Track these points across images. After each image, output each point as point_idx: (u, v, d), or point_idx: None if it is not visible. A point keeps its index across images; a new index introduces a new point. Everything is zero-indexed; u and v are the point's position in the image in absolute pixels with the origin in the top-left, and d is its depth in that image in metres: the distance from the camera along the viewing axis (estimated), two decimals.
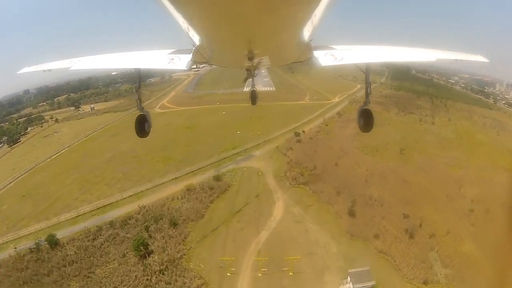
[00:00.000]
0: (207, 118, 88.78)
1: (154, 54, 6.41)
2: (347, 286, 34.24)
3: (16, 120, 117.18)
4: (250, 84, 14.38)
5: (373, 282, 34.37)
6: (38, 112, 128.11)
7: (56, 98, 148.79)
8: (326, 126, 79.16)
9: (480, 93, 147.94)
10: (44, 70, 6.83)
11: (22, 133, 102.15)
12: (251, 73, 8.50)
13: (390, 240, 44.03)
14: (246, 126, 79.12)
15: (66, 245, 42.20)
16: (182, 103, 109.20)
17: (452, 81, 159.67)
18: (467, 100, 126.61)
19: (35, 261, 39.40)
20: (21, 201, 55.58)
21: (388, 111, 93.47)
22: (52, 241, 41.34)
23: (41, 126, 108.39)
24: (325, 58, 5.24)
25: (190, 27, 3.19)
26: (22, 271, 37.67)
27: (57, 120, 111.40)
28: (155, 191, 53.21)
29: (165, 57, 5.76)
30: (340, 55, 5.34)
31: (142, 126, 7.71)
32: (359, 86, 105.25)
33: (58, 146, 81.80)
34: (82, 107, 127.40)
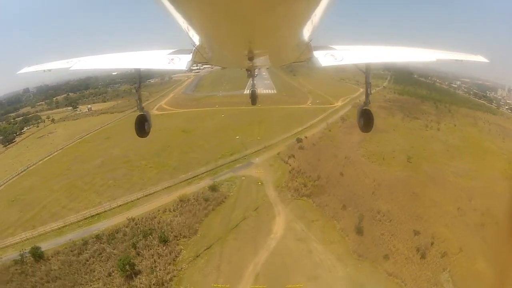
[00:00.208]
0: (205, 122, 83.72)
1: (154, 54, 6.30)
2: None
3: (13, 119, 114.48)
4: (250, 84, 14.58)
5: None
6: (35, 111, 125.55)
7: (54, 98, 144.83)
8: (330, 131, 74.09)
9: (483, 98, 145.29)
10: (44, 70, 6.72)
11: (18, 133, 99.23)
12: (251, 73, 8.49)
13: (400, 261, 39.65)
14: (245, 131, 74.28)
15: (51, 258, 38.74)
16: (180, 105, 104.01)
17: (454, 85, 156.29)
18: (471, 105, 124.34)
19: (20, 274, 36.29)
20: (9, 206, 52.28)
21: (393, 116, 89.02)
22: (36, 254, 38.15)
23: (37, 126, 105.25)
24: (325, 58, 5.08)
25: (190, 27, 3.10)
26: (7, 283, 34.71)
27: (53, 120, 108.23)
28: (146, 201, 48.37)
29: (165, 57, 5.66)
30: (340, 55, 5.18)
31: (142, 126, 7.64)
32: (362, 90, 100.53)
33: (51, 148, 78.22)
34: (79, 107, 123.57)
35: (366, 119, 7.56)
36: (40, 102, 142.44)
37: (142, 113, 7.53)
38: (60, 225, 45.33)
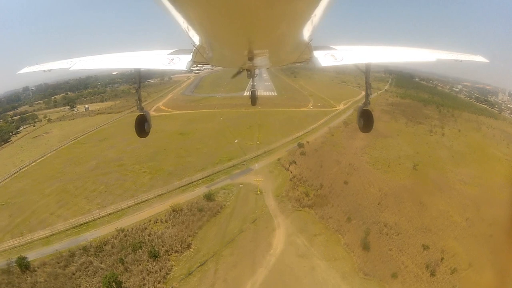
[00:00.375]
0: (203, 124, 79.67)
1: (154, 54, 6.11)
2: None
3: (10, 118, 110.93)
4: (250, 85, 14.42)
5: None
6: (33, 110, 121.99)
7: (53, 97, 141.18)
8: (332, 136, 70.20)
9: (484, 102, 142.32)
10: (44, 70, 6.56)
11: (14, 132, 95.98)
12: (251, 73, 8.43)
13: (409, 279, 36.43)
14: (244, 134, 70.49)
15: (37, 269, 36.27)
16: (178, 107, 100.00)
17: (456, 89, 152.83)
18: (473, 109, 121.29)
19: (6, 284, 34.33)
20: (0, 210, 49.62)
21: (396, 121, 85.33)
22: (22, 264, 35.93)
23: (33, 126, 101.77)
24: (325, 58, 4.93)
25: (190, 27, 3.06)
26: None
27: (50, 120, 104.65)
28: (137, 210, 44.62)
29: (165, 57, 5.51)
30: (340, 55, 5.04)
31: (142, 126, 7.51)
32: (363, 93, 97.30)
33: (45, 149, 75.05)
34: (77, 107, 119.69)
35: (366, 120, 7.36)
36: (38, 101, 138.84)
37: (142, 113, 7.43)
38: (47, 233, 42.75)
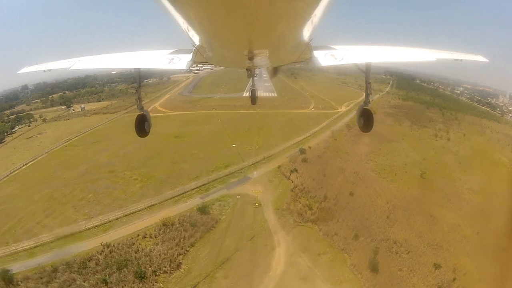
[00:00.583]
0: (200, 126, 74.95)
1: (154, 54, 5.99)
2: None
3: (7, 117, 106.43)
4: (250, 85, 14.20)
5: None
6: (30, 109, 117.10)
7: (50, 96, 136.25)
8: (335, 141, 65.60)
9: (486, 104, 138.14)
10: (44, 70, 6.45)
11: (9, 132, 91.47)
12: (251, 73, 8.29)
13: None
14: (243, 138, 65.90)
15: (21, 284, 33.26)
16: (175, 107, 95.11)
17: (457, 91, 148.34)
18: (476, 112, 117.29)
19: None
20: None
21: (400, 124, 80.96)
22: (6, 277, 33.13)
23: (28, 125, 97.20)
24: (325, 58, 4.88)
25: (190, 27, 3.00)
26: None
27: (45, 119, 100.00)
28: (125, 222, 40.34)
29: (165, 57, 5.45)
30: (340, 55, 4.98)
31: (142, 125, 7.43)
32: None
33: (37, 151, 70.80)
34: (73, 106, 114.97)
35: (366, 119, 7.07)
36: (36, 100, 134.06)
37: (142, 112, 7.31)
38: (32, 244, 39.39)
